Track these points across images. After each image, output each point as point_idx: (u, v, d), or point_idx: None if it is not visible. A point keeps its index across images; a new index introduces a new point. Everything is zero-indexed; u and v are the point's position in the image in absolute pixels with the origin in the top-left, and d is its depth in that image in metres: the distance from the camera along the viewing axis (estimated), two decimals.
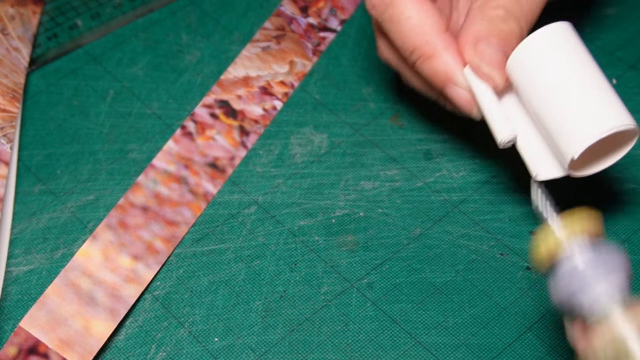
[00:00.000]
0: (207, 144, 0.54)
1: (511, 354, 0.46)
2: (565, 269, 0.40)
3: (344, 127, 0.55)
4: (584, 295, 0.40)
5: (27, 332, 0.46)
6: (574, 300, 0.40)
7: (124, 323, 0.48)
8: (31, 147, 0.55)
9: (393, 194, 0.52)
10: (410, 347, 0.47)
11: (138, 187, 0.52)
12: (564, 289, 0.40)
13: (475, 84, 0.47)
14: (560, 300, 0.41)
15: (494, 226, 0.51)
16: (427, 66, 0.47)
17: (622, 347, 0.38)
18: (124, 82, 0.57)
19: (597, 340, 0.39)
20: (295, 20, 0.60)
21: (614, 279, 0.40)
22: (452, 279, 0.49)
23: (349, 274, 0.49)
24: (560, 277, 0.40)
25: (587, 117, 0.43)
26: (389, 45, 0.51)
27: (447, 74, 0.47)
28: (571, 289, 0.40)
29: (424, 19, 0.47)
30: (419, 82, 0.50)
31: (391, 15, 0.48)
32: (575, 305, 0.40)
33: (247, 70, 0.57)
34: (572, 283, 0.40)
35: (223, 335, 0.47)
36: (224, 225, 0.51)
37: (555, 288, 0.41)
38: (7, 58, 0.57)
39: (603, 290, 0.39)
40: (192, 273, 0.49)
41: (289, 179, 0.53)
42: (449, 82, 0.47)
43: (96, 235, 0.50)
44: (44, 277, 0.49)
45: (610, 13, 0.60)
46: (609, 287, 0.40)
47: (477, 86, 0.47)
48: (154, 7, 0.61)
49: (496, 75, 0.46)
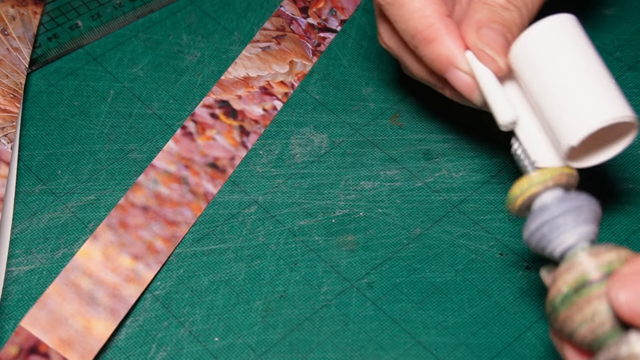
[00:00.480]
0: (207, 144, 0.54)
1: (511, 354, 0.46)
2: (538, 213, 0.42)
3: (344, 127, 0.55)
4: (553, 240, 0.41)
5: (27, 331, 0.46)
6: (543, 243, 0.42)
7: (125, 323, 0.48)
8: (32, 147, 0.55)
9: (393, 194, 0.52)
10: (410, 347, 0.47)
11: (138, 187, 0.52)
12: (535, 232, 0.42)
13: (477, 68, 0.46)
14: (531, 243, 0.42)
15: (493, 226, 0.51)
16: (429, 50, 0.47)
17: (581, 278, 0.39)
18: (124, 83, 0.57)
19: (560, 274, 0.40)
20: (296, 20, 0.60)
21: (585, 226, 0.41)
22: (451, 279, 0.49)
23: (349, 274, 0.49)
24: (532, 221, 0.42)
25: (587, 107, 0.43)
26: (390, 31, 0.51)
27: (449, 57, 0.47)
28: (542, 232, 0.41)
29: (427, 3, 0.47)
30: (419, 68, 0.50)
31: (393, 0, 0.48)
32: (544, 248, 0.42)
33: (247, 70, 0.57)
34: (543, 227, 0.41)
35: (223, 334, 0.47)
36: (224, 225, 0.51)
37: (527, 231, 0.42)
38: (8, 58, 0.57)
39: (572, 236, 0.41)
40: (193, 273, 0.50)
41: (289, 179, 0.53)
42: (451, 66, 0.47)
43: (97, 235, 0.50)
44: (44, 277, 0.49)
45: (610, 13, 0.60)
46: (579, 234, 0.41)
47: (479, 69, 0.46)
48: (154, 7, 0.61)
49: (499, 59, 0.46)
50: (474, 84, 0.47)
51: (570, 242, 0.41)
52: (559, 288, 0.40)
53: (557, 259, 0.42)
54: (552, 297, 0.40)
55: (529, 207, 0.43)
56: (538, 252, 0.42)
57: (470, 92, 0.47)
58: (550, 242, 0.41)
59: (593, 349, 0.39)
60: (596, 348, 0.39)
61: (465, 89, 0.47)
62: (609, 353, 0.38)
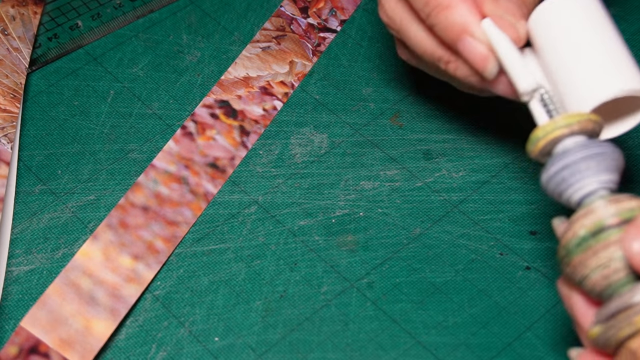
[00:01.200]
0: (207, 144, 0.54)
1: (511, 354, 0.46)
2: (561, 156, 0.41)
3: (344, 127, 0.55)
4: (573, 184, 0.40)
5: (27, 331, 0.46)
6: (562, 187, 0.40)
7: (125, 322, 0.48)
8: (32, 147, 0.55)
9: (393, 194, 0.52)
10: (410, 347, 0.47)
11: (138, 187, 0.52)
12: (554, 176, 0.41)
13: (494, 35, 0.45)
14: (548, 187, 0.41)
15: (493, 226, 0.51)
16: (443, 17, 0.45)
17: (600, 222, 0.38)
18: (124, 83, 0.57)
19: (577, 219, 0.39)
20: (296, 20, 0.60)
21: (607, 174, 0.40)
22: (451, 279, 0.49)
23: (349, 274, 0.49)
24: (553, 164, 0.41)
25: (606, 75, 0.42)
26: (395, 1, 0.49)
27: (464, 25, 0.45)
28: (562, 176, 0.40)
29: None
30: (426, 39, 0.48)
31: None
32: (561, 193, 0.40)
33: (248, 70, 0.58)
34: (564, 170, 0.40)
35: (223, 334, 0.47)
36: (224, 225, 0.51)
37: (546, 174, 0.41)
38: (8, 58, 0.57)
39: (593, 182, 0.40)
40: (193, 273, 0.50)
41: (289, 179, 0.53)
42: (465, 34, 0.45)
43: (97, 235, 0.50)
44: (44, 277, 0.49)
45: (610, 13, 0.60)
46: (600, 181, 0.40)
47: (496, 37, 0.45)
48: (154, 7, 0.61)
49: (519, 25, 0.45)
50: (487, 54, 0.45)
51: (590, 188, 0.40)
52: (575, 231, 0.39)
53: (573, 205, 0.40)
54: (567, 240, 0.39)
55: (549, 152, 0.42)
56: (554, 198, 0.41)
57: (483, 63, 0.45)
58: (570, 186, 0.40)
59: (603, 297, 0.38)
60: (607, 296, 0.38)
61: (477, 60, 0.45)
62: (621, 301, 0.37)
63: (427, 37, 0.48)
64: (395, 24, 0.49)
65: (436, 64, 0.48)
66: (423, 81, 0.57)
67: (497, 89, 0.46)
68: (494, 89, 0.46)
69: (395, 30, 0.50)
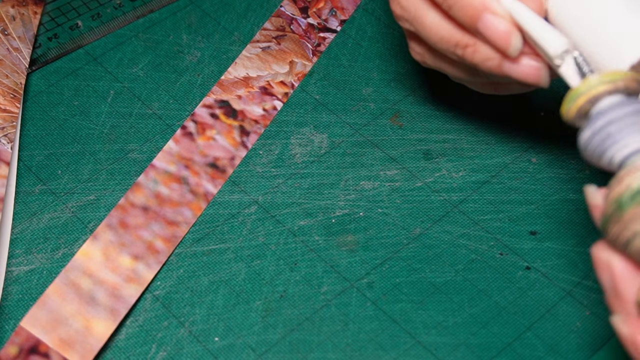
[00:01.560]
0: (207, 144, 0.54)
1: (511, 354, 0.46)
2: (606, 111, 0.39)
3: (344, 127, 0.55)
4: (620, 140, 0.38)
5: (27, 331, 0.46)
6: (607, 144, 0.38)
7: (125, 322, 0.48)
8: (32, 147, 0.55)
9: (393, 194, 0.52)
10: (410, 347, 0.47)
11: (138, 187, 0.52)
12: (600, 131, 0.39)
13: (516, 7, 0.44)
14: (590, 145, 0.39)
15: (493, 226, 0.51)
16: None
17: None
18: (124, 83, 0.57)
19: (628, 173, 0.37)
20: (296, 20, 0.60)
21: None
22: (451, 279, 0.49)
23: (349, 274, 0.49)
24: (598, 119, 0.39)
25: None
26: None
27: (482, 2, 0.44)
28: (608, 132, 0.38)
29: None
30: (443, 25, 0.47)
31: None
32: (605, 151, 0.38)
33: (248, 70, 0.58)
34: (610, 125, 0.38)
35: (223, 334, 0.47)
36: (224, 225, 0.51)
37: (590, 130, 0.39)
38: (8, 58, 0.57)
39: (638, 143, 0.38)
40: (193, 273, 0.50)
41: (289, 179, 0.53)
42: (485, 11, 0.44)
43: (97, 235, 0.50)
44: (44, 277, 0.49)
45: None
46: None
47: (518, 8, 0.44)
48: (154, 7, 0.61)
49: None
50: (510, 29, 0.44)
51: (637, 145, 0.38)
52: (628, 184, 0.36)
53: (616, 165, 0.38)
54: (619, 193, 0.37)
55: (586, 114, 0.40)
56: (593, 159, 0.39)
57: (506, 39, 0.44)
58: (615, 142, 0.38)
59: None
60: None
61: (500, 36, 0.44)
62: None
63: (443, 22, 0.47)
64: (409, 14, 0.48)
65: (453, 51, 0.47)
66: (423, 81, 0.57)
67: (519, 71, 0.45)
68: (515, 72, 0.45)
69: (409, 21, 0.49)
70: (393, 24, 0.60)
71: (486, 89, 0.51)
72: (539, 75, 0.45)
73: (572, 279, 0.49)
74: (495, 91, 0.50)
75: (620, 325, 0.38)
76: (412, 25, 0.49)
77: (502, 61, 0.45)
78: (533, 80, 0.45)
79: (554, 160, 0.53)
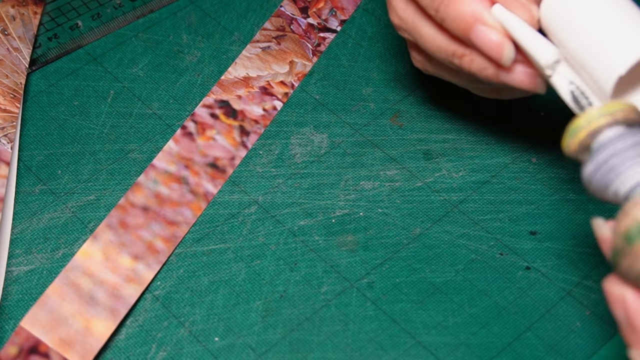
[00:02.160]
0: (207, 144, 0.54)
1: (511, 354, 0.46)
2: (608, 144, 0.39)
3: (344, 127, 0.55)
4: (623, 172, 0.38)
5: (27, 331, 0.46)
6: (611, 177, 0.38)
7: (125, 322, 0.48)
8: (32, 147, 0.55)
9: (393, 194, 0.52)
10: (410, 347, 0.47)
11: (138, 187, 0.52)
12: (602, 165, 0.38)
13: (507, 18, 0.44)
14: (594, 178, 0.39)
15: (493, 226, 0.51)
16: (451, 9, 0.45)
17: None
18: (124, 83, 0.58)
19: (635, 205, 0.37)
20: (296, 20, 0.60)
21: None
22: (451, 279, 0.49)
23: (349, 274, 0.49)
24: (600, 152, 0.39)
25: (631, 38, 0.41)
26: (405, 1, 0.48)
27: (473, 14, 0.44)
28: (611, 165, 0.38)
29: None
30: (438, 37, 0.47)
31: None
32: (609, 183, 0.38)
33: (248, 70, 0.58)
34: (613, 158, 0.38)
35: (223, 334, 0.47)
36: (224, 225, 0.51)
37: (593, 165, 0.39)
38: (8, 58, 0.57)
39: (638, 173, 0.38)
40: (193, 273, 0.50)
41: (289, 179, 0.53)
42: (476, 22, 0.44)
43: (97, 235, 0.50)
44: (44, 277, 0.49)
45: None
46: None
47: (509, 19, 0.44)
48: (154, 7, 0.61)
49: (532, 6, 0.44)
50: (502, 39, 0.44)
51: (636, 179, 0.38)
52: (635, 217, 0.36)
53: (621, 197, 0.38)
54: (627, 227, 0.36)
55: (588, 147, 0.39)
56: (598, 193, 0.39)
57: (498, 50, 0.44)
58: (620, 175, 0.38)
59: None
60: None
61: (493, 47, 0.44)
62: None
63: (438, 33, 0.47)
64: (407, 24, 0.49)
65: (451, 60, 0.47)
66: (423, 81, 0.57)
67: (515, 79, 0.45)
68: (511, 79, 0.45)
69: (407, 32, 0.49)
70: None
71: (489, 94, 0.51)
72: (535, 82, 0.46)
73: (572, 279, 0.49)
74: (499, 96, 0.51)
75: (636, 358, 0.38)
76: (410, 35, 0.49)
77: (498, 70, 0.46)
78: (529, 87, 0.45)
79: (554, 160, 0.53)
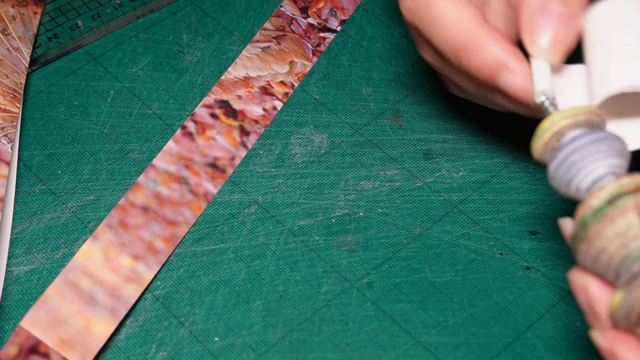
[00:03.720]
0: (207, 144, 0.54)
1: (511, 354, 0.46)
2: (569, 142, 0.40)
3: (344, 127, 0.55)
4: (583, 168, 0.39)
5: (27, 331, 0.46)
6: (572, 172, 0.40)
7: (125, 322, 0.48)
8: (32, 147, 0.55)
9: (393, 194, 0.52)
10: (410, 347, 0.47)
11: (138, 187, 0.52)
12: (564, 162, 0.40)
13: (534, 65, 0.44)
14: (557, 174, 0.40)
15: (493, 226, 0.51)
16: (474, 61, 0.44)
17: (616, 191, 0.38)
18: (124, 83, 0.58)
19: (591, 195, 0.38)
20: (296, 20, 0.60)
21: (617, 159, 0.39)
22: (451, 279, 0.49)
23: (349, 274, 0.49)
24: (561, 151, 0.40)
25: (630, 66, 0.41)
26: (430, 49, 0.48)
27: (497, 62, 0.44)
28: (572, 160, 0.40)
29: (461, 13, 0.44)
30: (467, 81, 0.47)
31: (427, 17, 0.46)
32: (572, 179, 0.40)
33: (247, 70, 0.58)
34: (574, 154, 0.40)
35: (223, 334, 0.47)
36: (224, 225, 0.51)
37: (555, 162, 0.40)
38: (8, 58, 0.57)
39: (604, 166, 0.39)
40: (193, 273, 0.50)
41: (289, 179, 0.53)
42: (500, 71, 0.44)
43: (97, 235, 0.50)
44: (44, 277, 0.49)
45: None
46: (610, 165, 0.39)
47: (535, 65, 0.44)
48: (154, 7, 0.61)
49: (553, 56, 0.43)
50: (527, 85, 0.44)
51: (600, 172, 0.39)
52: (590, 204, 0.38)
53: (583, 192, 0.40)
54: (582, 214, 0.38)
55: (553, 148, 0.41)
56: (562, 189, 0.40)
57: (525, 94, 0.44)
58: (580, 170, 0.39)
59: (621, 270, 0.37)
60: (625, 267, 0.37)
61: (520, 93, 0.44)
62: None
63: (468, 80, 0.47)
64: (437, 68, 0.49)
65: (484, 95, 0.47)
66: (423, 81, 0.57)
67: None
68: None
69: (439, 71, 0.50)
70: (393, 24, 0.60)
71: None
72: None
73: None
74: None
75: (598, 339, 0.40)
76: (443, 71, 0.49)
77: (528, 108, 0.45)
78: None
79: None
